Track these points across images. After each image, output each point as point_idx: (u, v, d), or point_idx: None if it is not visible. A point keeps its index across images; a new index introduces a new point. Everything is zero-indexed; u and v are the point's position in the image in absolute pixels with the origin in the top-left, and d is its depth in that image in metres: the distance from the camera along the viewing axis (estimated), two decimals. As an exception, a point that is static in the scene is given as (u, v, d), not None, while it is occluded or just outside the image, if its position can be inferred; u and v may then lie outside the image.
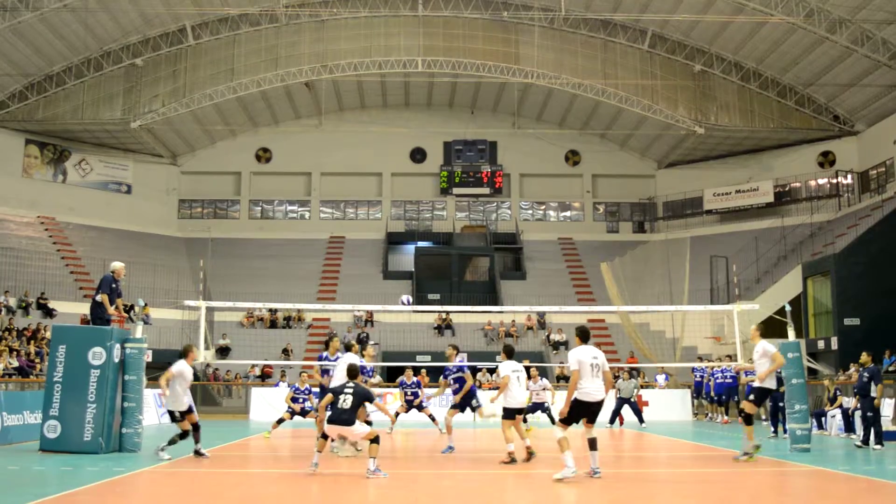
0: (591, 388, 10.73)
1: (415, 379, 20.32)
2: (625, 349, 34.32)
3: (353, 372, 11.75)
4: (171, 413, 13.31)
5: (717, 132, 40.70)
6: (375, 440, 10.99)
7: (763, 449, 13.51)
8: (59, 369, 13.76)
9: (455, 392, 15.59)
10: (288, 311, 37.28)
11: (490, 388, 28.40)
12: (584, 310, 33.45)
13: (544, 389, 20.04)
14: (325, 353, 15.66)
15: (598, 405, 10.84)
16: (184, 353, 13.49)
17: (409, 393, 20.09)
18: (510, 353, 13.66)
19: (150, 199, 44.15)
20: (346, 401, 11.16)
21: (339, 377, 13.40)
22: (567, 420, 10.80)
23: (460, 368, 15.64)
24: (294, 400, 18.93)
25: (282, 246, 43.25)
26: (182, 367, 13.16)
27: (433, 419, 19.46)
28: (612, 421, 22.73)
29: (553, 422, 20.37)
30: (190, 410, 13.18)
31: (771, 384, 13.75)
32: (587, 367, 10.75)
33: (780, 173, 42.22)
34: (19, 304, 31.95)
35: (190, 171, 45.87)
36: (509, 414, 12.94)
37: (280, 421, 18.22)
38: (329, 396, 11.50)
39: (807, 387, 15.46)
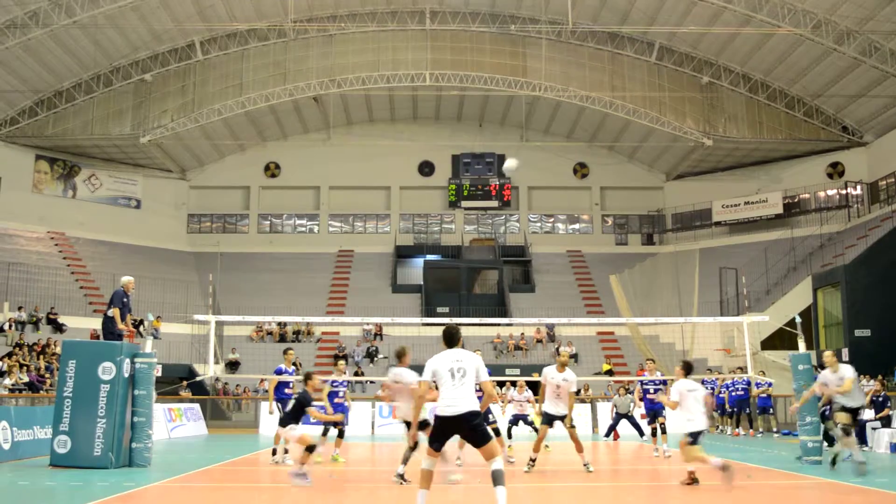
0: (447, 399, 8.17)
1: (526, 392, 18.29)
2: (634, 361, 34.22)
3: (305, 376, 11.89)
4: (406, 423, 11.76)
5: (725, 144, 40.65)
6: (310, 448, 10.81)
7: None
8: (69, 384, 13.76)
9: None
10: (297, 324, 37.33)
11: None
12: (593, 322, 33.40)
13: (527, 401, 18.34)
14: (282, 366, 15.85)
15: (459, 421, 8.10)
16: (399, 355, 12.07)
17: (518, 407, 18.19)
18: (688, 370, 12.18)
19: (159, 214, 44.31)
20: (290, 404, 11.34)
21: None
22: (431, 440, 8.27)
23: None
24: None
25: (290, 260, 43.29)
26: (400, 373, 11.91)
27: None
28: (607, 434, 22.53)
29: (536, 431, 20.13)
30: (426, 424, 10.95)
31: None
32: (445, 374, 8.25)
33: (788, 185, 42.14)
34: (29, 319, 32.07)
35: (199, 185, 46.05)
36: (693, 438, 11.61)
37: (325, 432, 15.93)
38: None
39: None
